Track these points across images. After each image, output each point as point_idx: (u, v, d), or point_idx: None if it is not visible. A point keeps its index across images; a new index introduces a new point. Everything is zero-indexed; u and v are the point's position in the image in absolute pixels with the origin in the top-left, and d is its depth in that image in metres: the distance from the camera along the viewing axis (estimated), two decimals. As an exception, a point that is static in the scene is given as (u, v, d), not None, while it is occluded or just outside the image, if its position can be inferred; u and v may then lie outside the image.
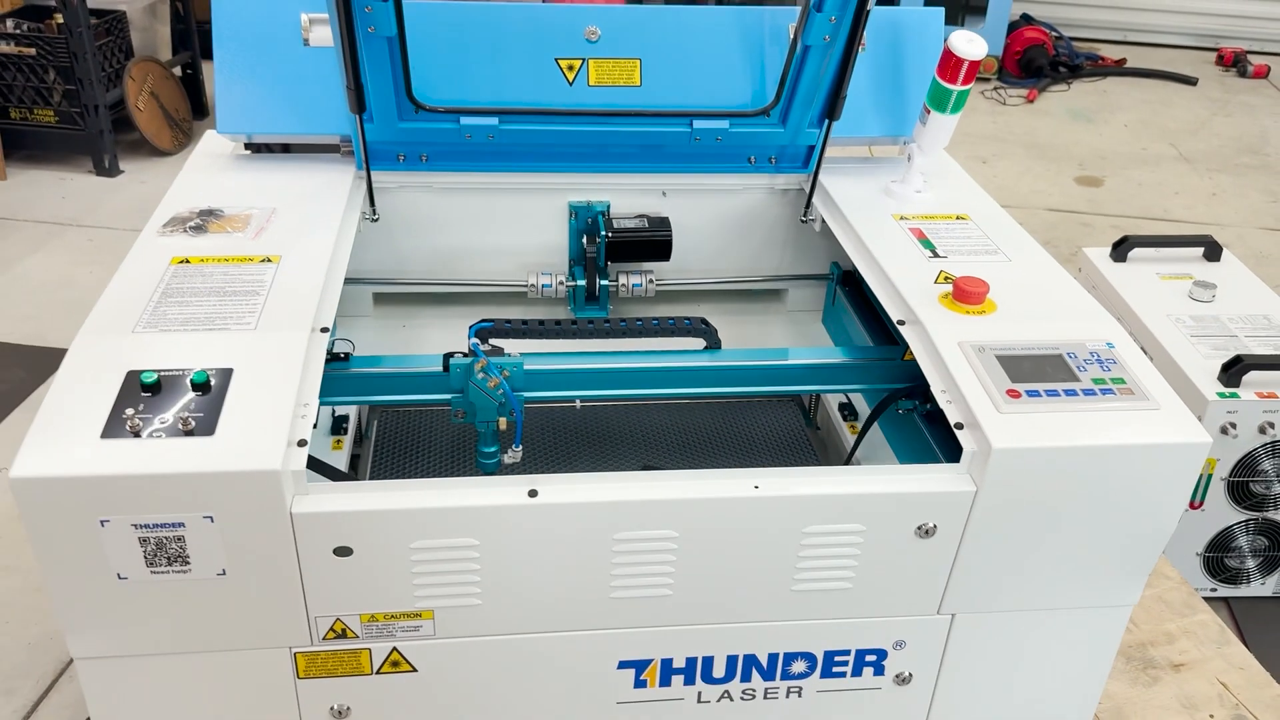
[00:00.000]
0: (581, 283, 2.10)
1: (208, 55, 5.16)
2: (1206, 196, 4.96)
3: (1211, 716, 1.95)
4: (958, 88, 1.81)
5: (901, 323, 1.62)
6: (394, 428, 2.06)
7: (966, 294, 1.60)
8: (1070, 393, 1.44)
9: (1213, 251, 2.82)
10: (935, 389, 1.48)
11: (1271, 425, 2.28)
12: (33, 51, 4.27)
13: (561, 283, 2.10)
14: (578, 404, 2.12)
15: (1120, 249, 2.82)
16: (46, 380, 3.14)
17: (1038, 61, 6.22)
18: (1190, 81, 6.51)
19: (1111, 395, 1.44)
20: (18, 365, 3.21)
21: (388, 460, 1.97)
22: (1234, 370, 2.27)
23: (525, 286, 2.12)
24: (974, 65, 1.78)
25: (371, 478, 1.93)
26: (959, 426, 1.42)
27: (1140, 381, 1.47)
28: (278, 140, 2.01)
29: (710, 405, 2.17)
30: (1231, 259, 2.83)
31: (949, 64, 1.79)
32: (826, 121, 1.90)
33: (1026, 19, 6.53)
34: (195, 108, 5.03)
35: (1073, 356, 1.51)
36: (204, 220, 1.73)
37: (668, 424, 2.11)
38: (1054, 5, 6.98)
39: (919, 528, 1.41)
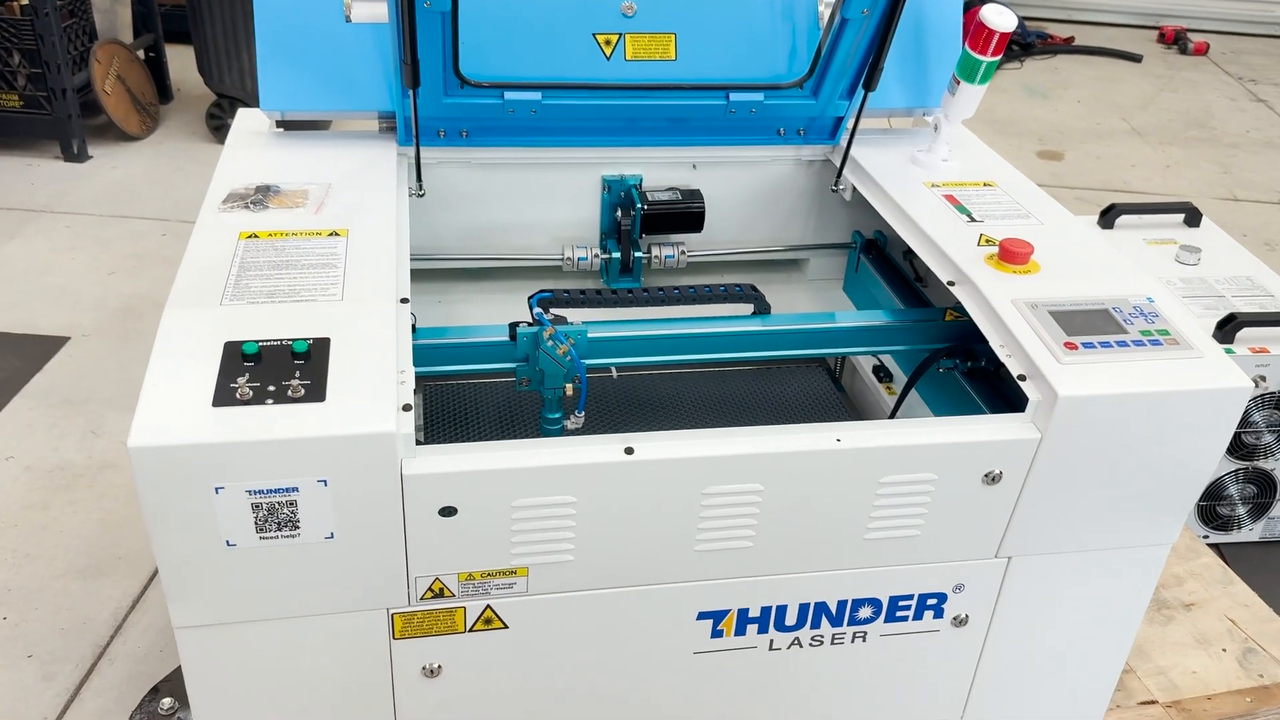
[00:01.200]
0: (616, 255, 2.14)
1: (170, 38, 5.09)
2: (1161, 169, 5.16)
3: (1224, 650, 2.08)
4: (987, 59, 1.89)
5: (952, 283, 1.69)
6: (438, 402, 2.09)
7: (1013, 254, 1.68)
8: (1121, 344, 1.53)
9: (1193, 218, 2.95)
10: (994, 344, 1.56)
11: (1263, 379, 2.42)
12: (-4, 34, 4.17)
13: (596, 256, 2.15)
14: (614, 372, 2.17)
15: (1108, 216, 2.94)
16: (43, 367, 3.10)
17: (991, 40, 6.37)
18: (1135, 59, 6.73)
19: (1159, 346, 1.54)
20: (10, 353, 3.16)
21: (439, 433, 2.00)
22: (1228, 328, 2.39)
23: (559, 260, 2.16)
24: (1004, 37, 1.86)
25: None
26: (1022, 378, 1.50)
27: (1183, 332, 1.57)
28: (315, 118, 2.02)
29: (741, 373, 2.23)
30: (1210, 225, 2.97)
31: (980, 36, 1.87)
32: (862, 92, 1.97)
33: (979, -2, 6.69)
34: (160, 91, 4.95)
35: (1118, 311, 1.60)
36: (262, 196, 1.74)
37: (702, 391, 2.17)
38: (1004, -16, 7.14)
39: (986, 475, 1.49)
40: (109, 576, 2.40)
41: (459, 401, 2.10)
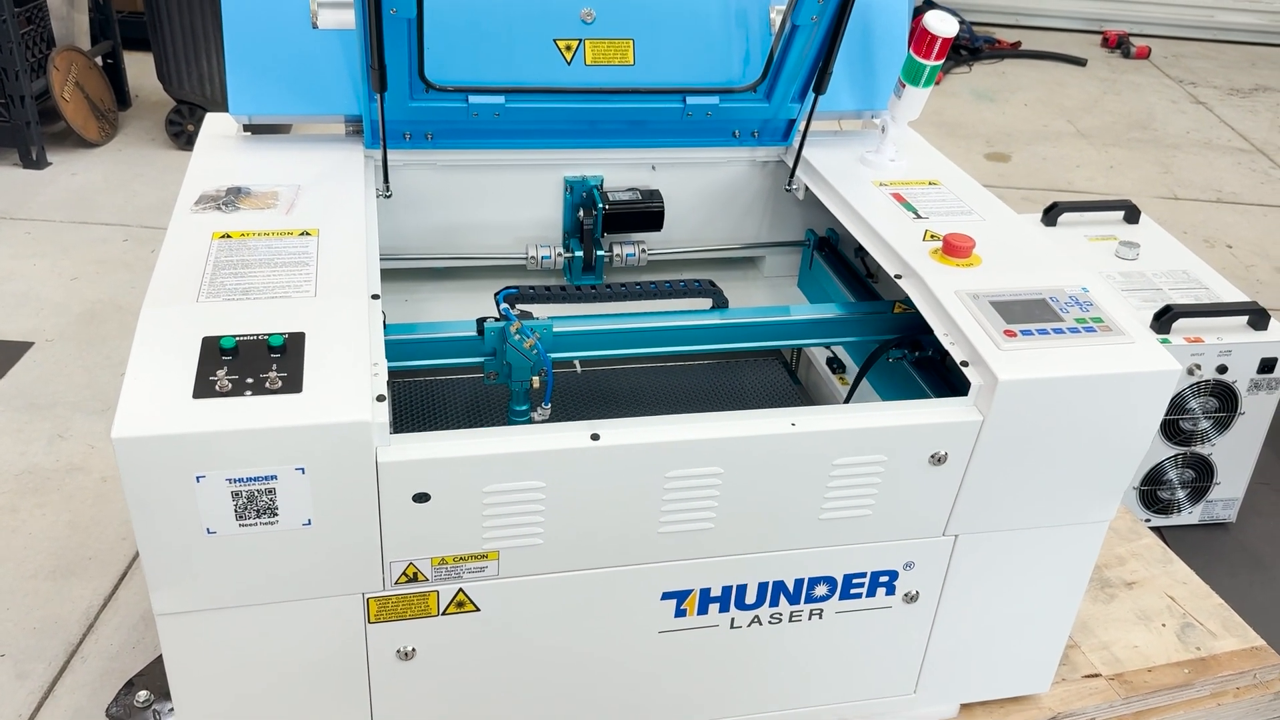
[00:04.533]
0: (578, 254, 2.21)
1: (128, 45, 5.09)
2: (1105, 169, 5.31)
3: (1164, 625, 2.18)
4: (931, 63, 1.98)
5: (899, 276, 1.78)
6: (406, 397, 2.14)
7: (956, 248, 1.77)
8: (1058, 331, 1.62)
9: (1132, 215, 3.08)
10: (938, 332, 1.65)
11: (1198, 367, 2.53)
12: (-49, 41, 4.15)
13: (560, 254, 2.21)
14: (578, 367, 2.24)
15: (1050, 214, 3.06)
16: (8, 373, 3.11)
17: (942, 44, 6.52)
18: (1080, 62, 6.91)
19: (1093, 332, 1.63)
20: (-28, 360, 3.16)
21: (407, 427, 2.05)
22: (1165, 319, 2.51)
23: (523, 259, 2.22)
24: (946, 42, 1.95)
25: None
26: (964, 364, 1.59)
27: (1115, 319, 1.66)
28: (283, 121, 2.07)
29: (700, 366, 2.31)
30: (1149, 221, 3.10)
31: (924, 41, 1.96)
32: (813, 95, 2.05)
33: (930, 3, 6.84)
34: (119, 98, 4.94)
35: (1055, 300, 1.69)
36: (234, 197, 1.79)
37: (663, 385, 2.24)
38: (953, -9, 7.31)
39: (932, 456, 1.58)
40: (79, 577, 2.43)
41: (426, 396, 2.15)
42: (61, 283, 3.61)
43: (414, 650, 1.58)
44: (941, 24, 1.93)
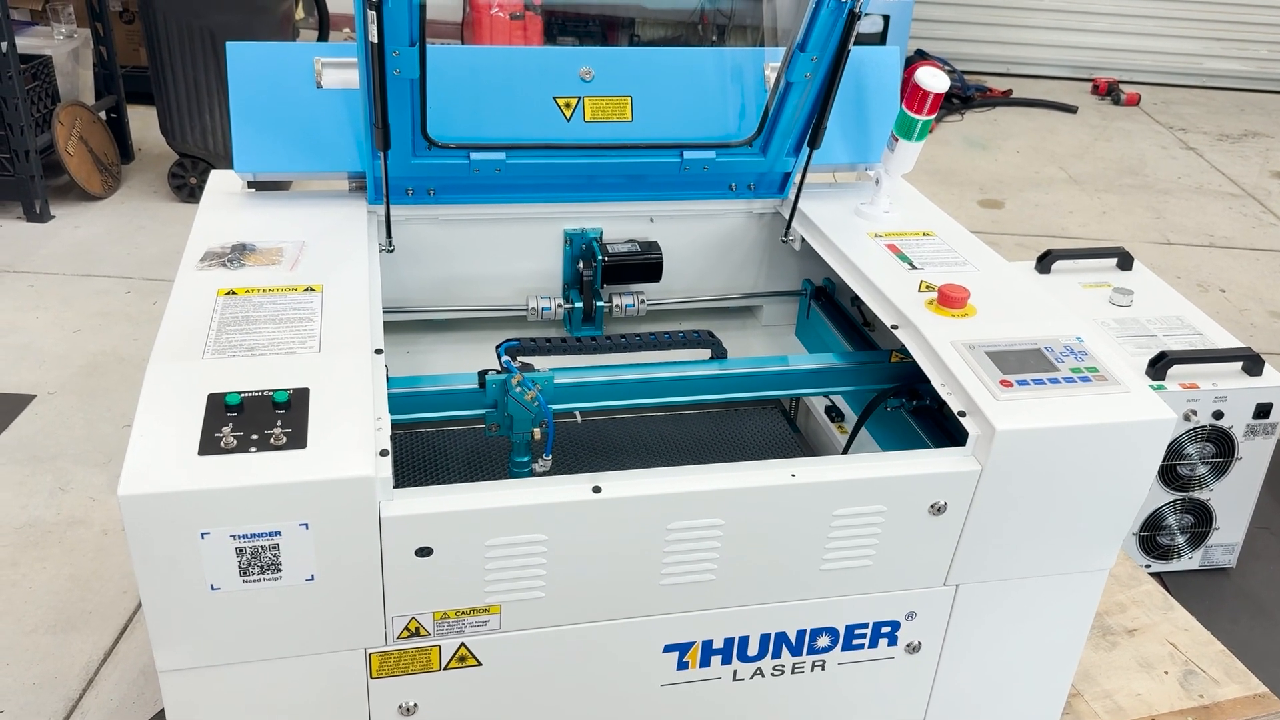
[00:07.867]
0: (578, 305, 2.23)
1: (132, 99, 5.16)
2: (1098, 215, 5.37)
3: (1166, 673, 2.18)
4: (923, 118, 2.02)
5: (895, 327, 1.80)
6: (408, 449, 2.15)
7: (951, 299, 1.80)
8: (1054, 381, 1.64)
9: (1125, 261, 3.11)
10: (936, 383, 1.67)
11: (1194, 413, 2.55)
12: (-42, 98, 4.21)
13: (560, 305, 2.24)
14: (578, 418, 2.25)
15: (1044, 261, 3.09)
16: (9, 425, 3.12)
17: (934, 93, 6.61)
18: (1071, 110, 7.01)
19: (1088, 382, 1.65)
20: (-26, 413, 3.18)
21: (409, 479, 2.06)
22: (1160, 365, 2.53)
23: (524, 310, 2.25)
24: (938, 97, 1.99)
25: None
26: (962, 414, 1.60)
27: (1110, 369, 1.68)
28: (287, 179, 2.10)
29: (701, 415, 2.32)
30: (1141, 268, 3.13)
31: (916, 96, 2.00)
32: (808, 150, 2.09)
33: (921, 54, 6.95)
34: (122, 151, 5.00)
35: (1050, 350, 1.71)
36: (238, 254, 1.81)
37: (663, 434, 2.26)
38: (945, 41, 7.43)
39: (932, 506, 1.59)
40: (79, 631, 2.42)
41: (428, 448, 2.16)
42: (64, 335, 3.63)
43: (416, 705, 1.58)
44: (933, 80, 1.97)
